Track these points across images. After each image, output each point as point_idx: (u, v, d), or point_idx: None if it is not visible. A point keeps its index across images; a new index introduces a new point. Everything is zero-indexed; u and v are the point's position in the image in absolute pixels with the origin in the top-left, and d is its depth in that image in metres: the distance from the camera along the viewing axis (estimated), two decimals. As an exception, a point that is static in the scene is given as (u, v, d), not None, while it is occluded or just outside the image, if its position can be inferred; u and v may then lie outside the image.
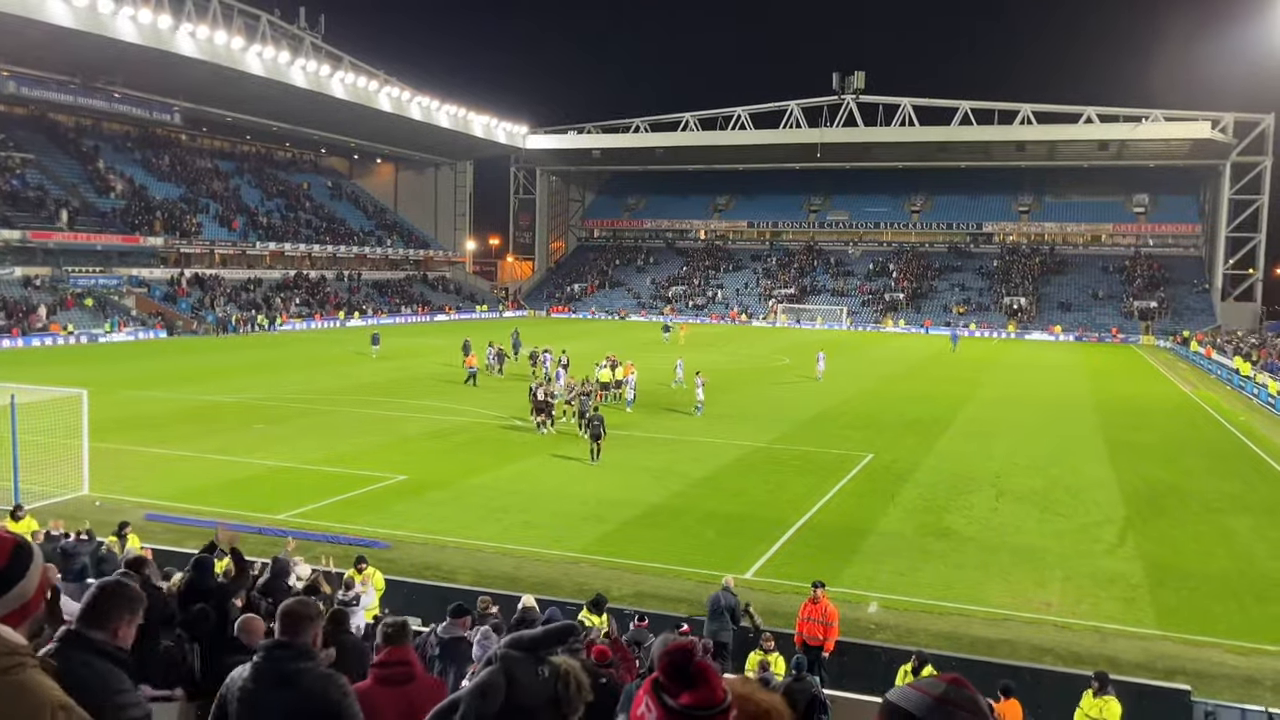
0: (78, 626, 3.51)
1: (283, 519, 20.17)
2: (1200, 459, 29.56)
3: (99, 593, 3.62)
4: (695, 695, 2.15)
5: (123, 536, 14.61)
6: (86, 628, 3.51)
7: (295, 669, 4.35)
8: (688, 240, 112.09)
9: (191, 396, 36.15)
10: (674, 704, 2.15)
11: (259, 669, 4.37)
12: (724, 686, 2.19)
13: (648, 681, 2.23)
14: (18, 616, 2.30)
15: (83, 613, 3.56)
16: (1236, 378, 50.26)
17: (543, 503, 22.00)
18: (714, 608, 13.33)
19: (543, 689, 3.71)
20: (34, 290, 61.94)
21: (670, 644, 2.32)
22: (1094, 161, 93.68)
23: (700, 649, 2.36)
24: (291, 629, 4.48)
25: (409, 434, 29.78)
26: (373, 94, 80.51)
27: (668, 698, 2.16)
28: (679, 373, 41.89)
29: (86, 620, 3.52)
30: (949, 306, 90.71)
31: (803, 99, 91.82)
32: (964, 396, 41.81)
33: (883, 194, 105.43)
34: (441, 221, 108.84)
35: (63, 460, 21.56)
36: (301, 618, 4.53)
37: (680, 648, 2.23)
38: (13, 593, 2.30)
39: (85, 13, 57.47)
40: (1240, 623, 15.83)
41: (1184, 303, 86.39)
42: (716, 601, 13.35)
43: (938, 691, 2.08)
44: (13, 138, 71.50)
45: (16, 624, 2.29)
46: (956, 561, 18.52)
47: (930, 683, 2.13)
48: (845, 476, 25.35)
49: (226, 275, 77.21)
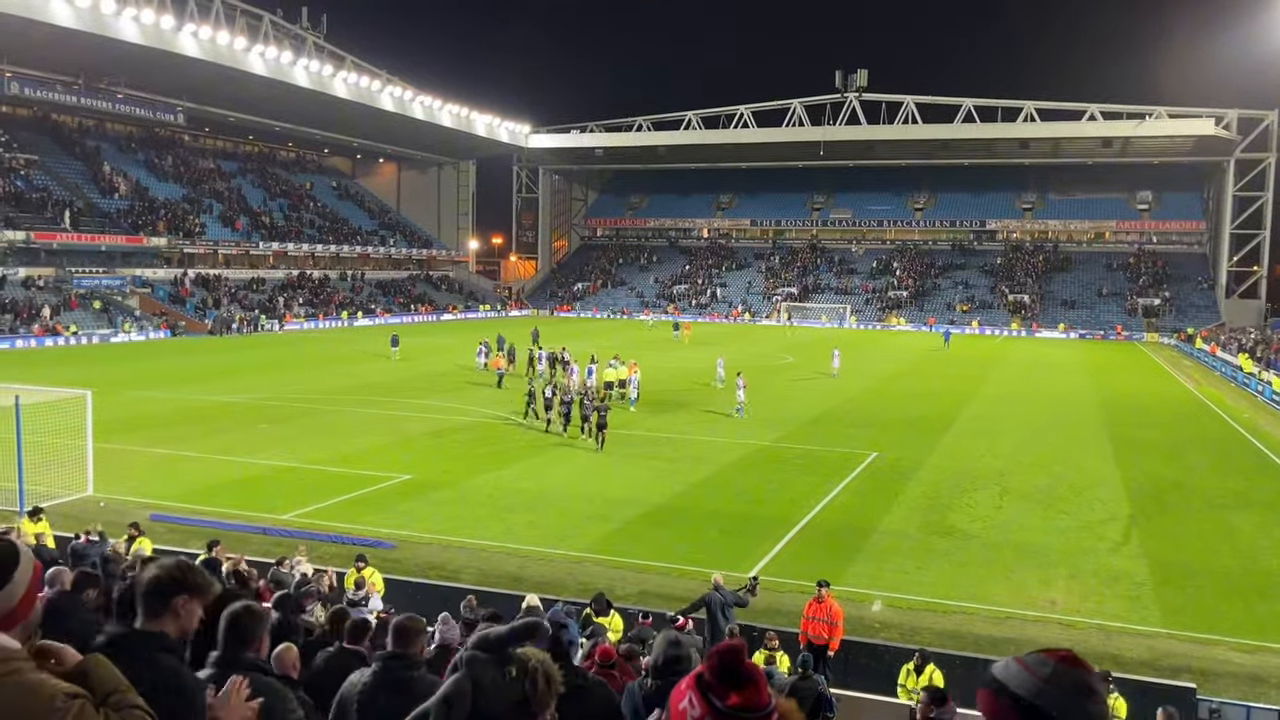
0: (230, 653, 3.85)
1: (287, 519, 20.20)
2: (1204, 456, 29.52)
3: (235, 620, 3.96)
4: (743, 696, 2.15)
5: (131, 538, 14.67)
6: (240, 651, 3.88)
7: (408, 677, 5.05)
8: (691, 239, 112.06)
9: (195, 397, 36.21)
10: (720, 704, 2.14)
11: (378, 677, 5.07)
12: (769, 690, 2.19)
13: (691, 678, 2.22)
14: (6, 622, 2.27)
15: (229, 639, 3.92)
16: (1240, 375, 50.19)
17: (546, 502, 22.01)
18: (709, 606, 13.32)
19: (511, 690, 3.69)
20: (37, 291, 62.05)
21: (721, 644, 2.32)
22: (1097, 159, 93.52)
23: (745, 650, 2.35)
24: (403, 642, 5.18)
25: (413, 433, 29.81)
26: (375, 93, 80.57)
27: (714, 698, 2.15)
28: (720, 372, 41.79)
29: (237, 645, 3.91)
30: (952, 304, 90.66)
31: (805, 97, 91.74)
32: (968, 394, 41.78)
33: (886, 192, 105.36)
34: (444, 221, 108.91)
35: (67, 461, 21.59)
36: (412, 632, 5.24)
37: (730, 648, 2.24)
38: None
39: (88, 14, 57.55)
40: (1245, 620, 15.81)
41: (1188, 300, 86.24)
42: (710, 601, 13.35)
43: (1045, 672, 1.97)
44: (16, 139, 71.67)
45: (7, 629, 2.26)
46: (960, 560, 18.51)
47: (1037, 660, 2.01)
48: (849, 475, 25.33)
49: (230, 275, 77.33)
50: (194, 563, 3.63)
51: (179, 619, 3.16)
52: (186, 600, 3.16)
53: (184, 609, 3.16)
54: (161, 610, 3.14)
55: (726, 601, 13.38)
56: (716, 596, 13.36)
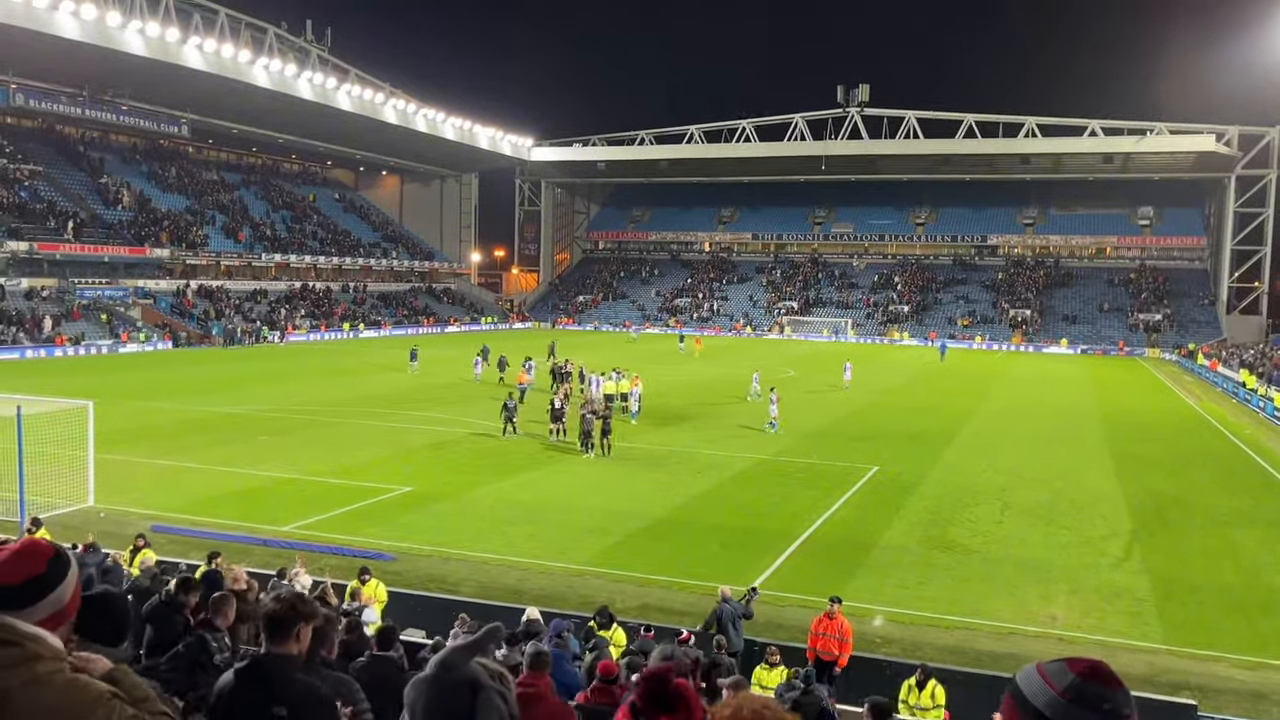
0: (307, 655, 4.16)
1: (288, 531, 20.19)
2: (1206, 472, 29.47)
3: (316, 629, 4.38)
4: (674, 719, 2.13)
5: (136, 549, 14.70)
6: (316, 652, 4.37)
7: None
8: (692, 252, 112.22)
9: (197, 408, 36.22)
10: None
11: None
12: (703, 709, 2.15)
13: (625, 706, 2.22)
14: (53, 622, 2.37)
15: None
16: (1242, 391, 50.15)
17: (547, 515, 21.99)
18: (720, 620, 13.28)
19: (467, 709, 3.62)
20: (40, 301, 62.14)
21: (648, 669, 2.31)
22: (1098, 174, 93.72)
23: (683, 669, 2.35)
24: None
25: (414, 445, 29.81)
26: (379, 106, 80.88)
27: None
28: (754, 386, 41.79)
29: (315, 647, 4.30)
30: (954, 319, 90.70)
31: (807, 112, 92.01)
32: (969, 409, 41.75)
33: (887, 206, 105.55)
34: (447, 233, 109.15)
35: (68, 471, 21.59)
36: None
37: (657, 672, 2.22)
38: (50, 599, 2.37)
39: (93, 26, 57.84)
40: (1247, 637, 15.77)
41: (1189, 315, 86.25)
42: (722, 614, 13.31)
43: (1062, 684, 1.87)
44: (21, 150, 71.93)
45: (53, 629, 2.37)
46: (962, 575, 18.48)
47: (1059, 670, 1.89)
48: (850, 489, 25.31)
49: (232, 287, 77.44)
50: (305, 594, 4.09)
51: (299, 642, 3.77)
52: (303, 626, 3.78)
53: (301, 634, 3.78)
54: (285, 637, 3.73)
55: (736, 614, 13.35)
56: (728, 609, 13.34)
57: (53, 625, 2.36)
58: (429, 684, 3.50)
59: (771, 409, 33.85)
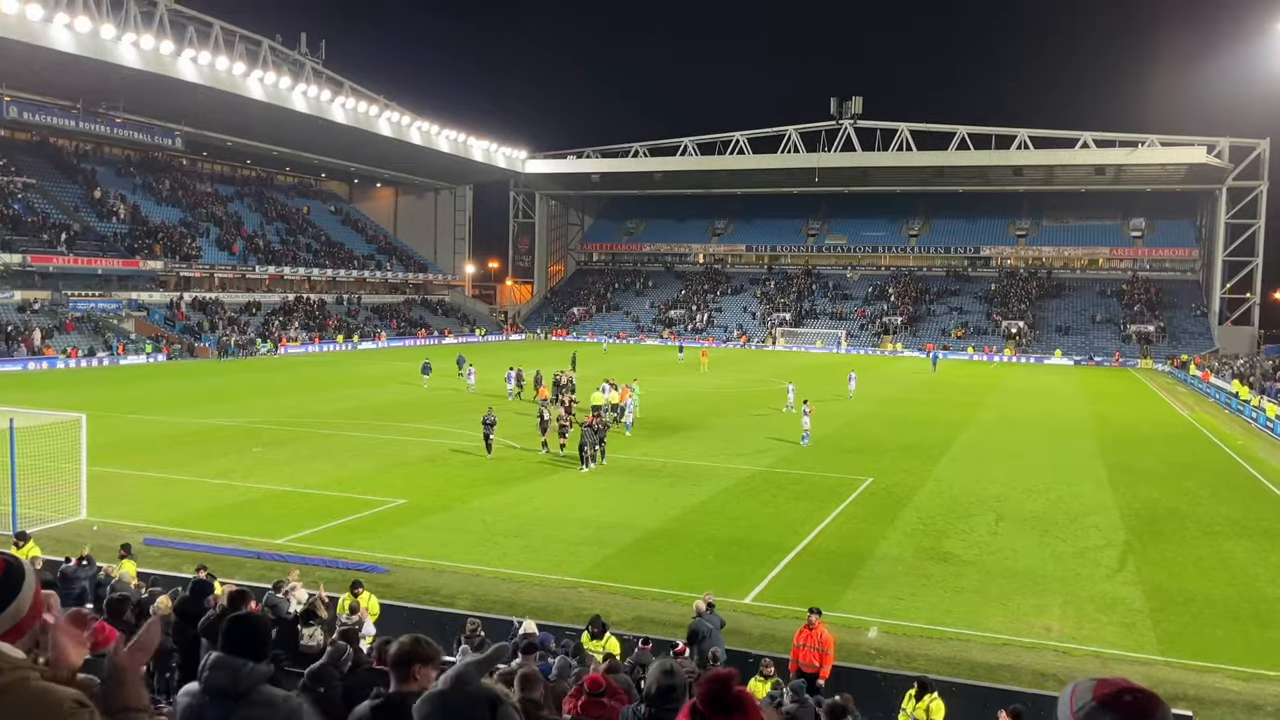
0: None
1: (281, 543, 20.11)
2: (1200, 483, 29.52)
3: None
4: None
5: (120, 558, 14.61)
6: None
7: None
8: (686, 264, 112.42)
9: (190, 420, 36.13)
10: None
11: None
12: (761, 714, 2.19)
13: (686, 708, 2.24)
14: (14, 634, 2.37)
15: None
16: (1235, 401, 50.31)
17: (541, 527, 21.93)
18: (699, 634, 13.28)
19: None
20: (32, 314, 62.00)
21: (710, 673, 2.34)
22: (1091, 186, 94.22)
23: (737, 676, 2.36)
24: None
25: (408, 458, 29.73)
26: (373, 119, 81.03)
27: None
28: (790, 397, 41.78)
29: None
30: (947, 330, 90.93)
31: (801, 124, 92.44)
32: (963, 420, 41.80)
33: (881, 218, 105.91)
34: (441, 245, 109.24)
35: (61, 484, 21.50)
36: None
37: (719, 676, 2.25)
38: (6, 612, 2.37)
39: (88, 39, 57.90)
40: (1242, 648, 15.77)
41: (1181, 326, 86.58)
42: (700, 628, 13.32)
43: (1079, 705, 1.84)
44: (14, 162, 71.89)
45: (13, 640, 2.37)
46: (956, 586, 18.46)
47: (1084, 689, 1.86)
48: (844, 501, 25.31)
49: (226, 299, 77.37)
50: (424, 636, 4.21)
51: (417, 681, 3.99)
52: (420, 667, 4.01)
53: (420, 674, 4.01)
54: (407, 676, 3.99)
55: (716, 624, 13.37)
56: (705, 624, 13.36)
57: (13, 637, 2.37)
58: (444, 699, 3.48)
59: (804, 421, 33.90)
